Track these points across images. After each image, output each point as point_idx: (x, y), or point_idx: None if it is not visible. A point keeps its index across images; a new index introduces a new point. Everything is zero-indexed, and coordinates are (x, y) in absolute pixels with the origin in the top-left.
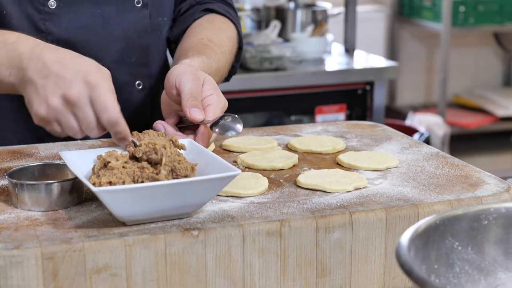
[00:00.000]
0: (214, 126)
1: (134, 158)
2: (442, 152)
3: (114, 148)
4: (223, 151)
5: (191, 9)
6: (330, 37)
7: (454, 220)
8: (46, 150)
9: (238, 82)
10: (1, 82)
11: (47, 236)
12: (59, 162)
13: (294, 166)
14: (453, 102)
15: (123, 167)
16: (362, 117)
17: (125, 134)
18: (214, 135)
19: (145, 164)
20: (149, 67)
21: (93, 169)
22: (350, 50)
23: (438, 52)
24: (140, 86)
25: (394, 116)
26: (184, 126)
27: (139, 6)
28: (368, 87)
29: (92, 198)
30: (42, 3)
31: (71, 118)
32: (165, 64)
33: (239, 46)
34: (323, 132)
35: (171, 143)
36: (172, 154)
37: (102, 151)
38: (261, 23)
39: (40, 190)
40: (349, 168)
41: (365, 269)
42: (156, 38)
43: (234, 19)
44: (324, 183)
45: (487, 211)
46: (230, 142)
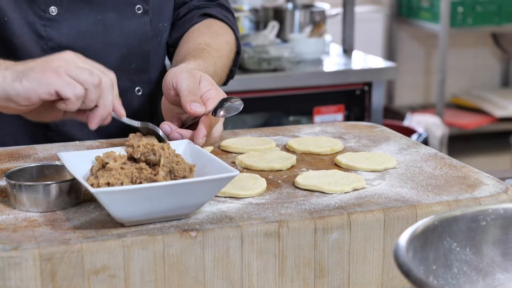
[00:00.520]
0: (216, 112)
1: (132, 159)
2: (440, 153)
3: (112, 149)
4: (221, 152)
5: (190, 13)
6: (328, 37)
7: (452, 221)
8: (44, 151)
9: (236, 82)
10: None
11: (45, 237)
12: (57, 163)
13: (292, 167)
14: (451, 103)
15: (121, 168)
16: (361, 117)
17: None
18: (219, 127)
19: (143, 165)
20: (148, 73)
21: (91, 170)
22: (348, 50)
23: (436, 52)
24: (139, 92)
25: (393, 116)
26: (187, 126)
27: (140, 12)
28: (366, 88)
29: (90, 199)
30: (43, 10)
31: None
32: (164, 69)
33: (237, 50)
34: (321, 133)
35: (169, 145)
36: (170, 155)
37: (100, 152)
38: (259, 24)
39: (38, 191)
40: (347, 169)
41: (363, 270)
42: (156, 44)
43: (232, 24)
44: (322, 184)
45: (485, 212)
46: (228, 143)
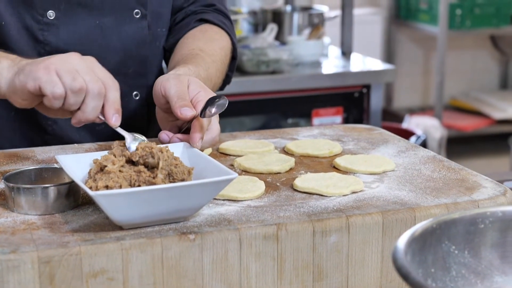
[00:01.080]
0: (203, 113)
1: (130, 162)
2: (438, 155)
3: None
4: (220, 155)
5: (186, 18)
6: (327, 40)
7: (451, 223)
8: (43, 154)
9: (235, 85)
10: None
11: (44, 240)
12: (56, 166)
13: (291, 169)
14: (449, 105)
15: (120, 171)
16: (359, 120)
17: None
18: (215, 127)
19: (141, 168)
20: (146, 78)
21: (89, 173)
22: (347, 53)
23: (434, 55)
24: (137, 97)
25: (391, 119)
26: (185, 131)
27: (138, 17)
28: (365, 90)
29: (88, 202)
30: (41, 14)
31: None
32: (161, 74)
33: (233, 56)
34: (320, 135)
35: (168, 148)
36: (168, 158)
37: (99, 155)
38: (258, 26)
39: (36, 194)
40: (345, 171)
41: (361, 272)
42: (154, 48)
43: (229, 30)
44: (320, 187)
45: (484, 215)
46: (226, 145)
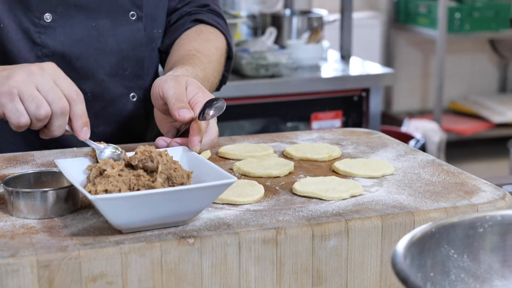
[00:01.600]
0: (201, 115)
1: (130, 166)
2: (437, 159)
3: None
4: (219, 159)
5: (181, 19)
6: (326, 43)
7: (450, 227)
8: (42, 158)
9: (234, 88)
10: None
11: (43, 244)
12: (55, 169)
13: (290, 173)
14: (449, 109)
15: (119, 175)
16: (358, 123)
17: (85, 120)
18: (213, 129)
19: (141, 172)
20: (143, 79)
21: (88, 177)
22: (346, 56)
23: (433, 58)
24: (134, 98)
25: (390, 122)
26: (183, 133)
27: (134, 19)
28: (364, 94)
29: (87, 206)
30: (37, 17)
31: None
32: (157, 75)
33: (229, 56)
34: (319, 139)
35: (167, 151)
36: (168, 162)
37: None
38: (257, 30)
39: (35, 198)
40: (345, 175)
41: (361, 276)
42: (150, 50)
43: (224, 30)
44: (320, 191)
45: (483, 219)
46: (226, 149)
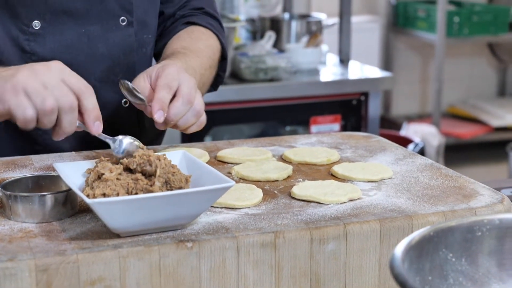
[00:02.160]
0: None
1: (128, 169)
2: (436, 163)
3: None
4: (218, 162)
5: (175, 23)
6: (325, 47)
7: (448, 231)
8: (40, 162)
9: (233, 92)
10: None
11: (41, 248)
12: (53, 173)
13: (288, 177)
14: (447, 112)
15: (117, 179)
16: (357, 127)
17: (98, 114)
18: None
19: (139, 175)
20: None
21: (86, 180)
22: (345, 60)
23: (432, 62)
24: (126, 104)
25: (389, 126)
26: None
27: (124, 24)
28: (363, 98)
29: (86, 210)
30: (26, 24)
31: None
32: None
33: (224, 56)
34: (318, 143)
35: (165, 155)
36: (166, 166)
37: (92, 165)
38: (256, 34)
39: (34, 201)
40: (343, 179)
41: (359, 280)
42: (141, 55)
43: (217, 30)
44: (318, 195)
45: (481, 223)
46: (224, 153)
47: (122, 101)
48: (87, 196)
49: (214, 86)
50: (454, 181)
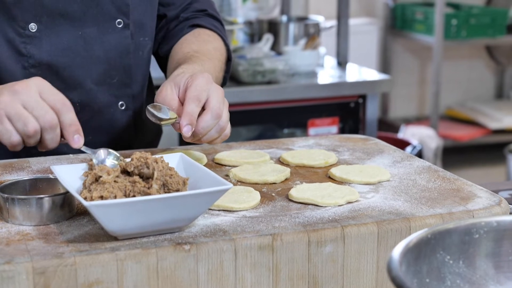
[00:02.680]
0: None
1: (125, 172)
2: (433, 165)
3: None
4: (215, 165)
5: (179, 25)
6: (322, 50)
7: (446, 233)
8: (38, 164)
9: (231, 95)
10: None
11: (39, 250)
12: (51, 176)
13: (286, 180)
14: (445, 115)
15: (115, 182)
16: (355, 130)
17: (76, 127)
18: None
19: (136, 178)
20: (131, 88)
21: (84, 183)
22: (342, 63)
23: (430, 65)
24: (123, 107)
25: (387, 128)
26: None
27: (120, 27)
28: (360, 100)
29: (83, 213)
30: (22, 27)
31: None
32: (147, 83)
33: (228, 58)
34: (315, 145)
35: (162, 158)
36: (163, 169)
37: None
38: (253, 36)
39: (31, 204)
40: (341, 181)
41: (357, 282)
42: (138, 58)
43: (221, 32)
44: (316, 197)
45: (479, 225)
46: (222, 156)
47: (119, 103)
48: (85, 198)
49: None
50: (451, 183)
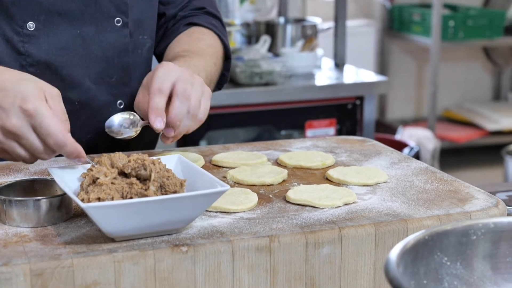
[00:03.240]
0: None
1: (123, 174)
2: (431, 167)
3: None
4: (213, 167)
5: (177, 24)
6: (320, 51)
7: (443, 235)
8: (35, 166)
9: (228, 96)
10: None
11: (36, 252)
12: (48, 178)
13: (283, 181)
14: (443, 116)
15: (112, 183)
16: (352, 131)
17: (77, 153)
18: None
19: (134, 180)
20: (130, 86)
21: (81, 185)
22: (340, 64)
23: (428, 66)
24: (121, 106)
25: (384, 130)
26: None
27: (119, 25)
28: (358, 102)
29: (81, 214)
30: (20, 25)
31: (17, 146)
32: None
33: (227, 56)
34: (313, 147)
35: (160, 159)
36: (161, 170)
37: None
38: (251, 38)
39: (28, 206)
40: (338, 183)
41: (354, 284)
42: (137, 56)
43: (218, 30)
44: (313, 199)
45: (476, 226)
46: (219, 157)
47: (117, 102)
48: (82, 200)
49: (219, 85)
50: (449, 185)
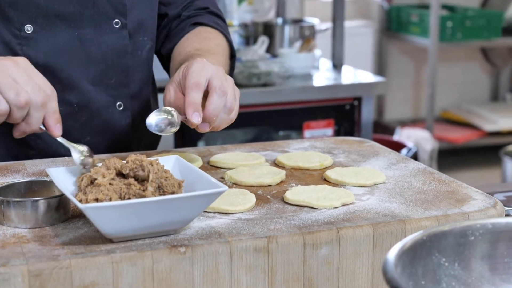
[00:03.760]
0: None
1: (120, 174)
2: (429, 167)
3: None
4: (211, 167)
5: (181, 24)
6: (318, 52)
7: (441, 236)
8: (33, 167)
9: None
10: None
11: (34, 253)
12: (46, 179)
13: (281, 182)
14: (441, 117)
15: (110, 184)
16: (350, 132)
17: (58, 117)
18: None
19: (132, 180)
20: (129, 88)
21: (79, 185)
22: (338, 65)
23: (426, 67)
24: (121, 107)
25: (382, 131)
26: None
27: (118, 27)
28: (356, 103)
29: (79, 215)
30: (18, 28)
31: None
32: (146, 84)
33: (232, 54)
34: (311, 148)
35: (158, 160)
36: (159, 171)
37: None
38: (249, 39)
39: (26, 207)
40: (336, 184)
41: (352, 285)
42: (136, 58)
43: (223, 29)
44: (311, 199)
45: (474, 227)
46: (217, 158)
47: (116, 104)
48: (80, 201)
49: None
50: (447, 185)
